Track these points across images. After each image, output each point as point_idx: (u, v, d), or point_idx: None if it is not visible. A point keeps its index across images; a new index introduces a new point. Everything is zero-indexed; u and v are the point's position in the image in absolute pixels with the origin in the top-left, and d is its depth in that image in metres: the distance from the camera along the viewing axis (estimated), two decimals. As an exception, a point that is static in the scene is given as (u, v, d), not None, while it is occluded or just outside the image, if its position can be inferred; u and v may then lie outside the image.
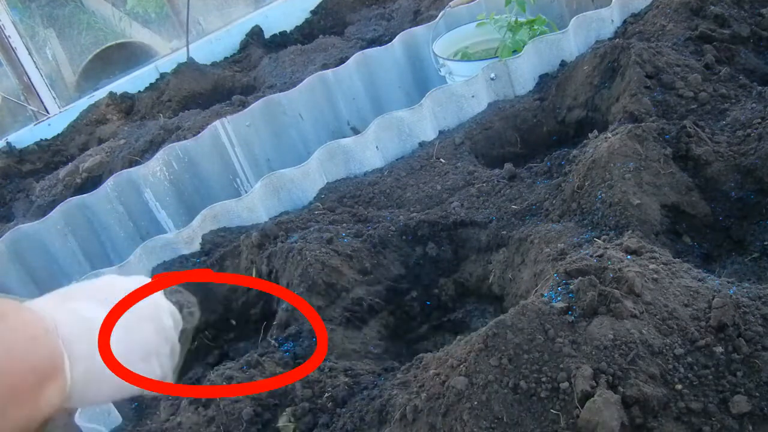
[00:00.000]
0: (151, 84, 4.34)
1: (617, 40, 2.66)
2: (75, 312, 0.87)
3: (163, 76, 4.32)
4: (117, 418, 1.87)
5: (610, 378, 1.33)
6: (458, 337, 1.60)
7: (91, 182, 3.43)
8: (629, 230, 1.82)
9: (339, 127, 3.41)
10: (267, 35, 4.68)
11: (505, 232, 2.12)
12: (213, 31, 4.74)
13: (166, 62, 4.39)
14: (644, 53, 2.42)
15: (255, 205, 2.51)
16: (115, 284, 0.99)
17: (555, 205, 2.11)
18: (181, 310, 1.10)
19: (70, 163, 3.69)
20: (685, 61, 2.44)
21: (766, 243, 1.85)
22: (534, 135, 2.73)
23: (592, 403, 1.28)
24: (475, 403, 1.35)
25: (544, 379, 1.35)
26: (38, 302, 0.87)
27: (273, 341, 1.94)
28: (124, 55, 5.04)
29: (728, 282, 1.56)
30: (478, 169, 2.49)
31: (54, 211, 2.90)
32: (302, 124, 3.31)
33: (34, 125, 4.18)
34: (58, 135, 4.14)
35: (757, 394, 1.31)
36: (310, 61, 4.00)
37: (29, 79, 4.33)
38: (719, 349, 1.37)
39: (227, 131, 3.12)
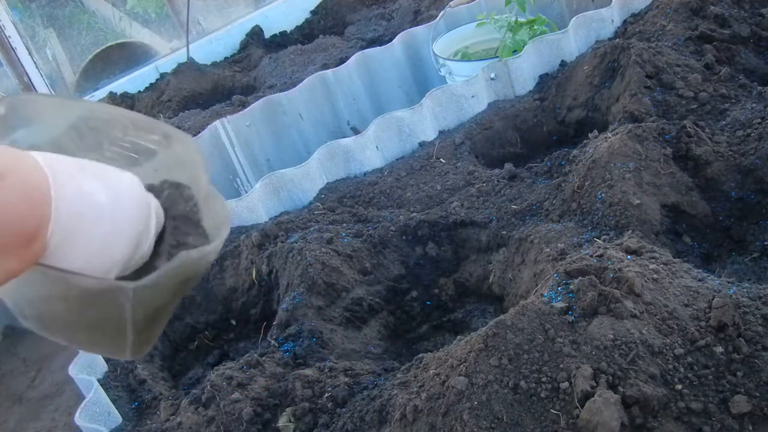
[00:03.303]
0: (151, 84, 4.34)
1: (617, 40, 2.66)
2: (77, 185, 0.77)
3: (163, 76, 4.32)
4: (117, 418, 1.86)
5: (610, 378, 1.33)
6: (458, 337, 1.60)
7: (91, 182, 3.43)
8: (629, 230, 1.82)
9: (339, 127, 3.41)
10: (267, 35, 4.68)
11: (505, 232, 2.12)
12: (213, 31, 4.74)
13: (166, 62, 4.39)
14: (644, 53, 2.42)
15: (255, 205, 2.51)
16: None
17: (555, 205, 2.11)
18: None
19: (70, 163, 3.68)
20: (685, 61, 2.44)
21: (766, 243, 1.85)
22: (534, 135, 2.73)
23: (592, 403, 1.28)
24: (475, 403, 1.35)
25: (544, 379, 1.35)
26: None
27: (273, 341, 1.94)
28: (124, 55, 5.03)
29: (728, 282, 1.56)
30: (478, 169, 2.49)
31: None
32: (302, 124, 3.31)
33: (34, 125, 4.18)
34: (58, 135, 4.13)
35: (757, 394, 1.31)
36: (310, 61, 3.99)
37: (29, 79, 4.32)
38: (719, 349, 1.37)
39: (227, 131, 3.12)
